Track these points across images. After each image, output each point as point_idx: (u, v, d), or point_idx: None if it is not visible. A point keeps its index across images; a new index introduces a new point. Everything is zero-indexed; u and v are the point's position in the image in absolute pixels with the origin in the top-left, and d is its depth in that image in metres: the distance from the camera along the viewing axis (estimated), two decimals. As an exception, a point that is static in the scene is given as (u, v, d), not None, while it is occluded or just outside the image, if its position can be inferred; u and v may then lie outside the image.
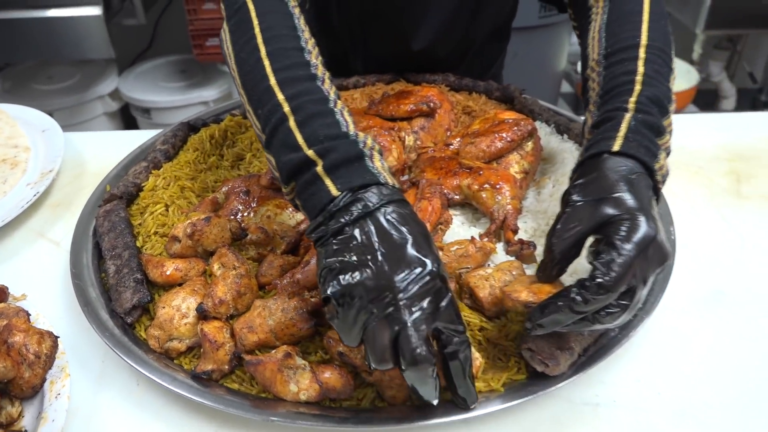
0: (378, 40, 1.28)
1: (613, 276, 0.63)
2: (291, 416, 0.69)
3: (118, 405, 0.77)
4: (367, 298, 0.61)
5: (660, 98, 0.77)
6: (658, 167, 0.73)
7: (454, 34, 1.27)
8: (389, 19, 1.22)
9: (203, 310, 0.76)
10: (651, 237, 0.66)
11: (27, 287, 0.90)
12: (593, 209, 0.68)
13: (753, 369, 0.80)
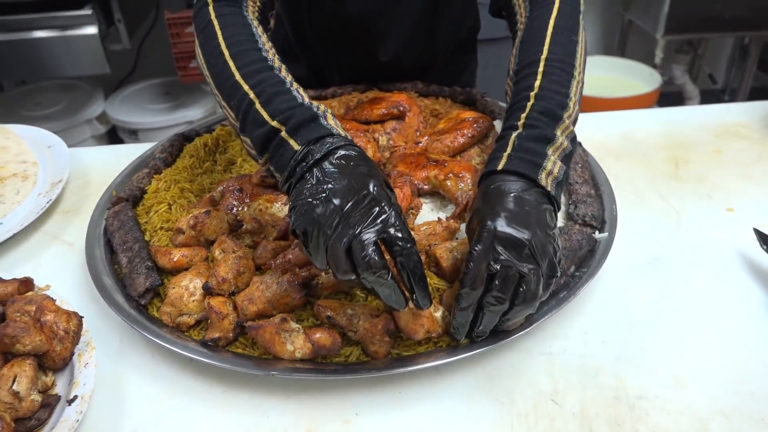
0: (349, 53, 1.41)
1: (467, 272, 0.77)
2: (289, 371, 0.81)
3: (137, 375, 0.89)
4: (322, 226, 0.74)
5: (550, 108, 0.89)
6: (544, 174, 0.84)
7: (417, 46, 1.40)
8: (357, 33, 1.35)
9: (209, 288, 0.88)
10: (492, 231, 0.77)
11: (47, 281, 1.01)
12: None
13: (683, 319, 0.93)
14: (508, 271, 0.76)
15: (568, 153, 0.89)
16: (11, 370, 0.79)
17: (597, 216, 1.03)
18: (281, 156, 0.82)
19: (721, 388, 0.83)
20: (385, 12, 1.31)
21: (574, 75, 0.94)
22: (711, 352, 0.88)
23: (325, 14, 1.32)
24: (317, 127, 0.82)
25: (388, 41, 1.37)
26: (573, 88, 0.93)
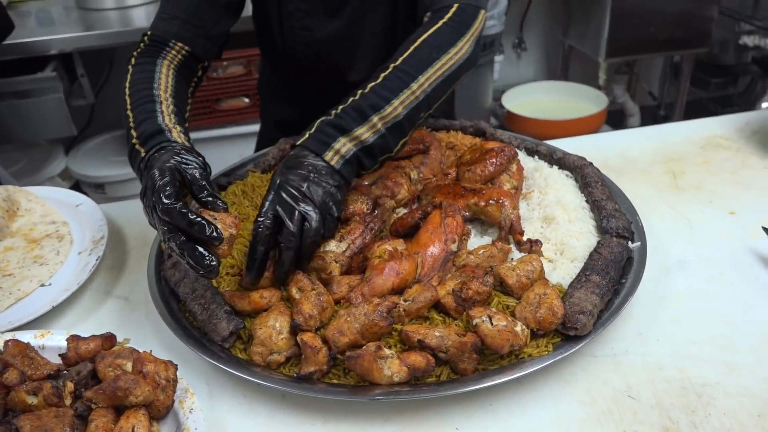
0: (320, 77, 1.49)
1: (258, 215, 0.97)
2: (390, 394, 0.87)
3: (233, 415, 0.92)
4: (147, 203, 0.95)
5: (362, 107, 1.06)
6: (331, 153, 1.03)
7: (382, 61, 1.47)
8: (326, 57, 1.44)
9: (297, 325, 0.93)
10: (276, 183, 0.99)
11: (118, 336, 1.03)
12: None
13: (719, 312, 1.04)
14: (291, 214, 0.96)
15: (368, 144, 1.05)
16: (128, 422, 0.82)
17: (627, 228, 1.13)
18: (135, 163, 1.05)
19: (770, 370, 0.93)
20: (350, 34, 1.41)
21: (411, 86, 1.09)
22: (750, 338, 0.99)
23: (297, 42, 1.43)
24: (160, 137, 1.03)
25: (356, 62, 1.47)
26: (402, 95, 1.08)
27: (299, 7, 1.37)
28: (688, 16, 3.66)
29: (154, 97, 1.12)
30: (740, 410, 0.87)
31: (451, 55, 1.13)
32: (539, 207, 1.22)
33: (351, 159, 1.04)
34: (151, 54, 1.21)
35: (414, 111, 1.09)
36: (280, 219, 0.97)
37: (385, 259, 1.03)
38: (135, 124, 1.07)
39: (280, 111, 1.68)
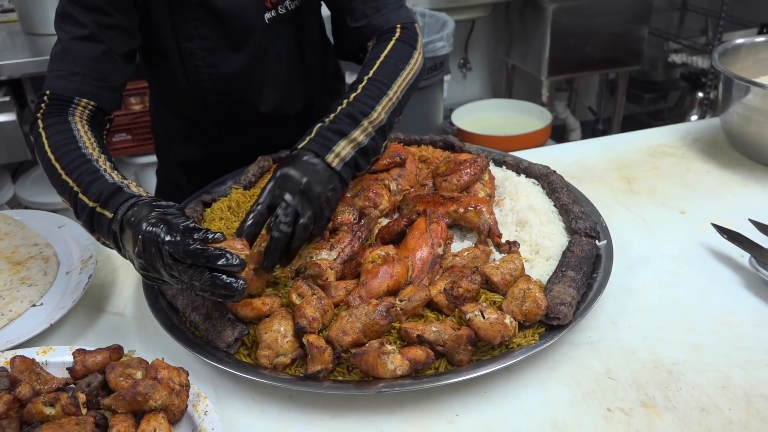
0: (232, 110, 1.50)
1: (257, 201, 1.04)
2: (395, 386, 0.93)
3: (245, 416, 0.96)
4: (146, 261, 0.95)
5: (353, 113, 1.16)
6: (332, 155, 1.11)
7: (292, 94, 1.55)
8: (235, 90, 1.45)
9: (302, 328, 0.98)
10: (275, 176, 1.06)
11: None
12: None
13: (680, 300, 1.15)
14: (285, 207, 1.03)
15: (363, 146, 1.15)
16: (150, 425, 0.85)
17: (594, 228, 1.24)
18: (102, 225, 1.03)
19: (729, 347, 1.04)
20: (256, 66, 1.44)
21: (387, 93, 1.22)
22: (709, 322, 1.10)
23: (203, 81, 1.42)
24: (122, 195, 1.02)
25: (265, 93, 1.50)
26: (383, 101, 1.20)
27: (201, 46, 1.37)
28: (621, 36, 3.90)
29: (86, 156, 1.10)
30: (707, 384, 0.98)
31: (411, 64, 1.29)
32: (512, 212, 1.31)
33: (350, 161, 1.13)
34: (58, 113, 1.18)
35: (392, 115, 1.22)
36: (274, 209, 1.03)
37: (378, 263, 1.09)
38: (82, 188, 1.05)
39: (182, 152, 1.65)
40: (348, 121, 1.15)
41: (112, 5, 1.23)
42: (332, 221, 1.21)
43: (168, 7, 1.31)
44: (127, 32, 1.27)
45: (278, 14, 1.40)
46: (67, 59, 1.21)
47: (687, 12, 4.55)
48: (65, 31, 1.22)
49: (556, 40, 3.77)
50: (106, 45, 1.23)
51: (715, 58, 1.62)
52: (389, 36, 1.33)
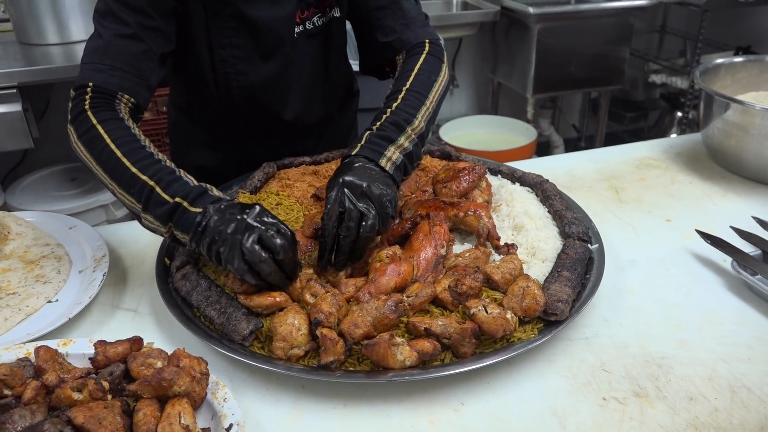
0: (256, 117, 1.57)
1: (326, 212, 1.12)
2: (403, 375, 0.99)
3: (260, 404, 1.01)
4: (224, 250, 1.06)
5: (398, 121, 1.25)
6: (384, 159, 1.19)
7: (314, 104, 1.63)
8: (262, 98, 1.53)
9: (319, 322, 1.04)
10: (341, 181, 1.13)
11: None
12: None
13: (667, 300, 1.22)
14: (351, 210, 1.11)
15: (409, 151, 1.24)
16: (174, 409, 0.90)
17: (586, 233, 1.31)
18: (185, 220, 1.09)
19: (714, 342, 1.12)
20: (283, 76, 1.51)
21: (425, 102, 1.32)
22: (695, 320, 1.17)
23: (231, 87, 1.49)
24: (207, 197, 1.12)
25: (290, 102, 1.58)
26: (422, 110, 1.30)
27: (233, 54, 1.44)
28: (603, 57, 4.03)
29: (155, 156, 1.17)
30: (694, 375, 1.04)
31: (441, 76, 1.40)
32: (508, 218, 1.38)
33: (400, 165, 1.22)
34: (108, 107, 1.22)
35: (429, 123, 1.32)
36: (343, 214, 1.11)
37: (386, 262, 1.15)
38: (162, 185, 1.12)
39: (198, 157, 1.71)
40: (394, 129, 1.24)
41: (154, 8, 1.28)
42: (339, 223, 1.27)
43: (204, 16, 1.38)
44: (166, 35, 1.33)
45: (306, 29, 1.48)
46: (109, 54, 1.24)
47: (666, 34, 4.71)
48: (107, 28, 1.26)
49: (541, 59, 3.88)
50: (146, 45, 1.28)
51: (696, 76, 1.71)
52: (419, 50, 1.42)
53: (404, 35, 1.45)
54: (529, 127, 4.12)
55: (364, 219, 1.12)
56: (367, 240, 1.15)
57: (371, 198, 1.13)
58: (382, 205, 1.14)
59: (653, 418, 0.97)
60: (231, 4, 1.37)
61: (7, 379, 0.95)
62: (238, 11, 1.38)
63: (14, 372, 0.96)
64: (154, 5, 1.28)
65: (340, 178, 1.14)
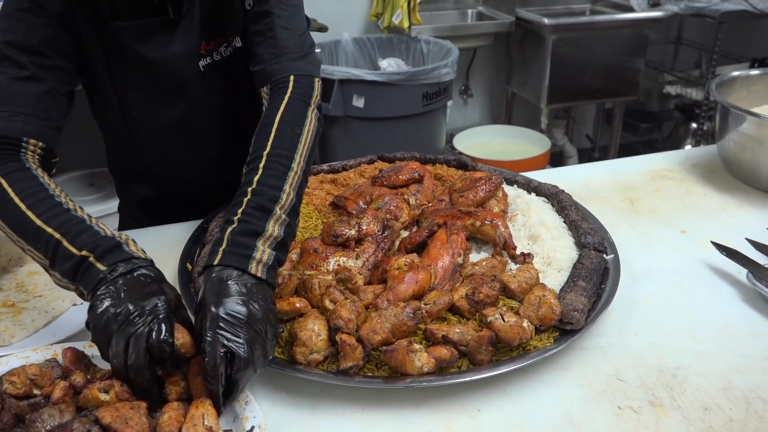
0: (179, 157, 1.53)
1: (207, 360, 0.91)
2: (421, 381, 1.01)
3: (280, 407, 1.03)
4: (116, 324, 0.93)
5: (263, 204, 1.08)
6: (254, 264, 1.01)
7: (236, 138, 1.47)
8: (173, 137, 1.47)
9: (338, 328, 1.06)
10: (216, 317, 0.93)
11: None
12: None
13: (682, 311, 1.23)
14: (239, 350, 0.92)
15: (281, 240, 1.08)
16: (198, 410, 0.92)
17: (602, 243, 1.32)
18: (89, 276, 0.98)
19: (730, 354, 1.12)
20: (193, 116, 1.44)
21: (292, 167, 1.15)
22: (710, 331, 1.18)
23: (139, 130, 1.44)
24: (121, 252, 1.00)
25: (209, 140, 1.51)
26: (288, 180, 1.13)
27: (138, 96, 1.39)
28: (617, 68, 4.04)
29: (64, 206, 1.06)
30: (709, 386, 1.05)
31: (308, 126, 1.23)
32: (524, 227, 1.40)
33: (273, 264, 1.05)
34: (12, 158, 1.13)
35: (300, 190, 1.16)
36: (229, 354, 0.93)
37: (404, 270, 1.17)
38: (68, 237, 1.01)
39: (140, 190, 1.65)
40: (258, 215, 1.08)
41: (50, 47, 1.21)
42: (358, 231, 1.29)
43: (105, 58, 1.33)
44: (68, 73, 1.26)
45: (213, 60, 1.40)
46: (7, 99, 1.16)
47: (681, 46, 4.71)
48: (2, 73, 1.17)
49: (556, 69, 3.90)
50: (48, 84, 1.20)
51: (712, 89, 1.72)
52: (282, 90, 1.28)
53: (269, 67, 1.31)
54: (542, 137, 4.13)
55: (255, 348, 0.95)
56: (263, 363, 0.98)
57: (254, 325, 0.95)
58: (263, 323, 0.97)
59: (668, 428, 0.98)
60: (127, 46, 1.31)
61: (36, 379, 0.97)
62: (135, 53, 1.31)
63: (44, 372, 0.99)
64: (49, 44, 1.20)
65: (211, 309, 0.95)
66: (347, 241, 1.28)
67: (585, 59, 3.95)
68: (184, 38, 1.35)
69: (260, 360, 0.96)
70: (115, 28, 1.28)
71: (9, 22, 1.19)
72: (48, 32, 1.21)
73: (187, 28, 1.34)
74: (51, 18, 1.21)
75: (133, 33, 1.30)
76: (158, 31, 1.32)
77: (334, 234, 1.28)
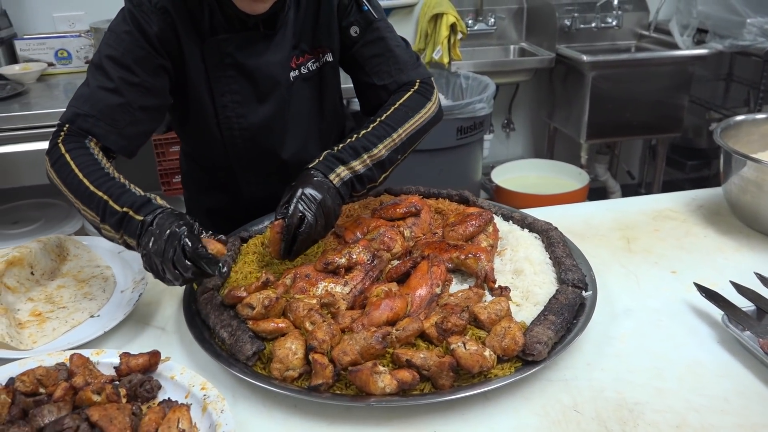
0: (256, 156, 1.73)
1: (288, 215, 1.36)
2: (383, 401, 1.09)
3: (256, 418, 1.13)
4: (156, 254, 1.21)
5: (356, 147, 1.47)
6: (333, 175, 1.43)
7: (310, 143, 1.77)
8: (260, 138, 1.69)
9: (313, 347, 1.15)
10: (299, 193, 1.37)
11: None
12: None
13: (654, 349, 1.27)
14: (307, 217, 1.35)
15: (359, 174, 1.46)
16: (174, 414, 1.03)
17: (581, 280, 1.37)
18: (132, 226, 1.27)
19: (691, 392, 1.15)
20: (280, 117, 1.67)
21: (392, 135, 1.52)
22: (677, 370, 1.21)
23: (233, 129, 1.66)
24: (151, 205, 1.29)
25: (287, 140, 1.72)
26: (386, 141, 1.51)
27: (233, 99, 1.62)
28: (660, 104, 4.02)
29: (110, 175, 1.35)
30: (662, 422, 1.09)
31: (422, 113, 1.59)
32: (510, 262, 1.46)
33: (347, 182, 1.44)
34: (77, 141, 1.42)
35: (393, 153, 1.51)
36: (302, 219, 1.35)
37: (381, 297, 1.26)
38: (113, 198, 1.30)
39: (211, 200, 1.90)
40: (350, 153, 1.46)
41: (139, 66, 1.46)
42: (348, 260, 1.39)
43: (204, 68, 1.57)
44: (148, 90, 1.50)
45: (301, 73, 1.66)
46: (89, 102, 1.45)
47: (732, 83, 4.64)
48: (95, 79, 1.46)
49: (595, 105, 3.93)
50: (125, 99, 1.46)
51: (717, 133, 1.75)
52: (408, 88, 1.63)
53: (399, 77, 1.65)
54: (582, 172, 4.14)
55: (316, 221, 1.36)
56: (311, 239, 1.39)
57: (323, 206, 1.37)
58: (329, 215, 1.38)
59: (614, 459, 1.02)
60: (229, 55, 1.55)
61: (43, 379, 1.11)
62: (235, 61, 1.56)
63: (50, 373, 1.12)
64: (139, 63, 1.46)
65: (299, 189, 1.37)
66: (337, 269, 1.38)
67: (626, 95, 3.96)
68: (277, 51, 1.60)
69: (321, 232, 1.39)
70: (218, 41, 1.54)
71: (113, 39, 1.48)
72: (140, 53, 1.47)
73: (280, 42, 1.60)
74: (146, 40, 1.47)
75: (234, 44, 1.55)
76: (256, 42, 1.57)
77: (325, 262, 1.38)
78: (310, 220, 1.35)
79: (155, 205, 1.29)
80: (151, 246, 1.22)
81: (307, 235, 1.35)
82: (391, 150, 1.51)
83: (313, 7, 1.61)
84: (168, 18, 1.48)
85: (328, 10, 1.61)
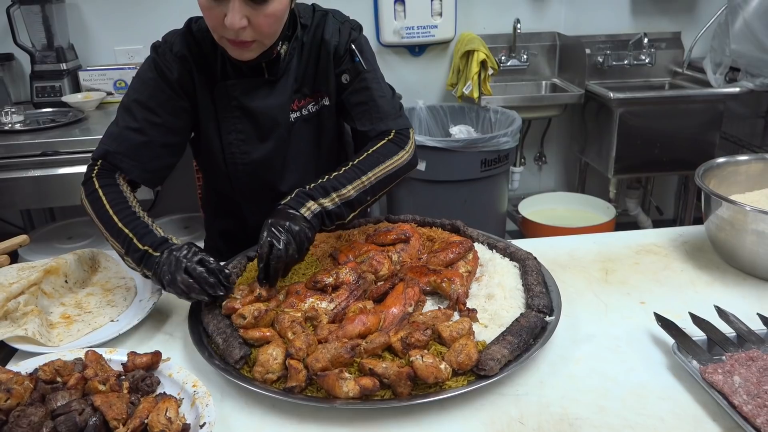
0: (257, 188, 1.92)
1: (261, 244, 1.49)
2: (346, 403, 1.23)
3: (238, 414, 1.30)
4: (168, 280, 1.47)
5: (326, 187, 1.60)
6: (304, 209, 1.55)
7: (307, 177, 1.87)
8: (261, 172, 1.88)
9: (290, 354, 1.32)
10: (268, 223, 1.49)
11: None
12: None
13: (606, 371, 1.37)
14: (278, 240, 1.47)
15: (328, 210, 1.59)
16: (163, 405, 1.21)
17: (547, 306, 1.49)
18: (150, 262, 1.50)
19: (630, 411, 1.26)
20: (279, 154, 1.86)
21: (361, 178, 1.65)
22: (623, 391, 1.31)
23: (237, 164, 1.86)
24: (167, 244, 1.51)
25: (286, 176, 1.91)
26: (355, 182, 1.64)
27: (238, 137, 1.82)
28: (690, 141, 4.05)
29: (137, 214, 1.58)
30: (597, 436, 1.20)
31: (393, 160, 1.73)
32: (486, 287, 1.59)
33: (317, 214, 1.57)
34: (109, 176, 1.66)
35: (362, 194, 1.65)
36: (272, 246, 1.47)
37: (356, 313, 1.41)
38: (137, 237, 1.53)
39: (223, 224, 2.14)
40: (321, 191, 1.60)
41: (162, 108, 1.70)
42: (335, 280, 1.55)
43: (214, 109, 1.79)
44: (170, 129, 1.73)
45: (302, 115, 1.85)
46: (117, 140, 1.69)
47: (770, 120, 4.61)
48: (123, 119, 1.70)
49: (623, 140, 3.99)
50: (147, 137, 1.69)
51: (697, 175, 1.84)
52: (384, 136, 1.78)
53: (378, 126, 1.81)
54: (609, 207, 4.20)
55: (286, 247, 1.47)
56: (288, 262, 1.50)
57: (292, 233, 1.49)
58: (300, 239, 1.50)
59: (544, 465, 1.14)
60: (234, 98, 1.76)
61: (60, 369, 1.30)
62: (240, 104, 1.77)
63: (66, 365, 1.32)
64: (162, 105, 1.70)
65: (269, 220, 1.51)
66: (325, 287, 1.54)
67: (655, 132, 4.01)
68: (278, 94, 1.78)
69: (294, 256, 1.50)
70: (227, 85, 1.75)
71: (140, 84, 1.73)
72: (163, 97, 1.71)
73: (282, 87, 1.79)
74: (168, 85, 1.71)
75: (240, 88, 1.76)
76: (260, 87, 1.77)
77: (314, 281, 1.55)
78: (279, 246, 1.47)
79: (170, 244, 1.51)
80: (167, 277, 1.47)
81: (278, 260, 1.47)
82: (360, 191, 1.64)
83: (314, 56, 1.81)
84: (187, 65, 1.71)
85: (326, 59, 1.80)
